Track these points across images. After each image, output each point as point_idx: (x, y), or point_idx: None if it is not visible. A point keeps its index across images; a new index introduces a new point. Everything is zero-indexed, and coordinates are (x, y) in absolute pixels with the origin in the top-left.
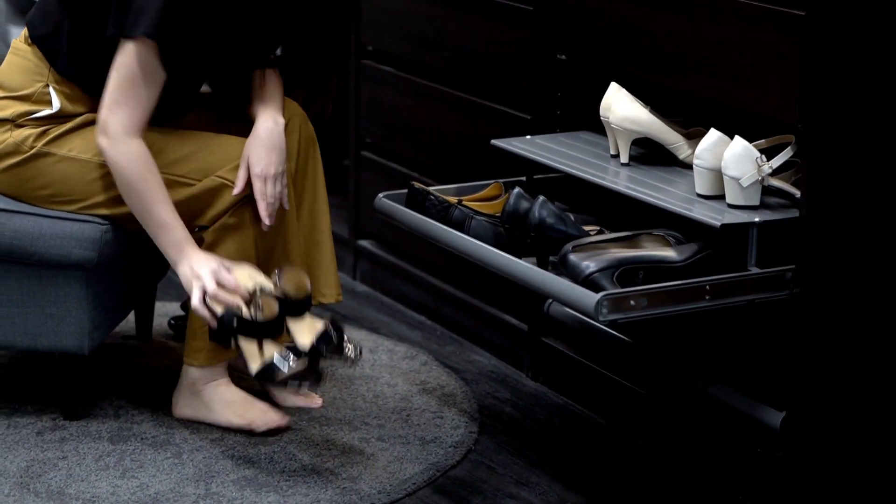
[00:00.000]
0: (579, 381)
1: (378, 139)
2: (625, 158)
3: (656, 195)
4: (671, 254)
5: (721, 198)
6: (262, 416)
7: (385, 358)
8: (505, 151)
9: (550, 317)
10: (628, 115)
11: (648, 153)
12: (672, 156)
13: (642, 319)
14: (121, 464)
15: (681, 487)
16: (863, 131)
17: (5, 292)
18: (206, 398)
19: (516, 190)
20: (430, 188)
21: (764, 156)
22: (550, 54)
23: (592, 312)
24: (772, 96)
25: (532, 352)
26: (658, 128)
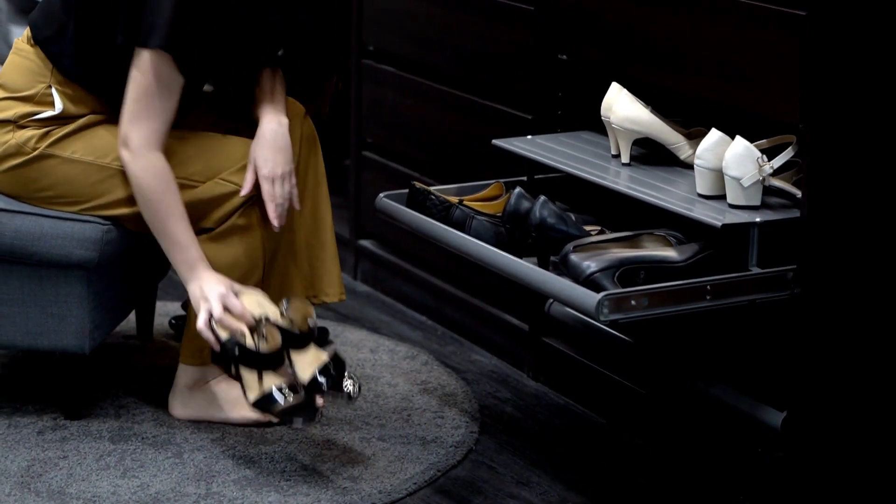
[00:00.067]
0: (580, 381)
1: (379, 139)
2: (626, 158)
3: (657, 195)
4: (672, 254)
5: (722, 198)
6: None
7: (386, 358)
8: (506, 151)
9: (551, 317)
10: (629, 115)
11: (649, 153)
12: (673, 156)
13: (643, 319)
14: (121, 463)
15: (682, 487)
16: (864, 131)
17: (6, 292)
18: (211, 396)
19: (517, 190)
20: (431, 188)
21: (765, 156)
22: (551, 54)
23: (593, 312)
24: (773, 96)
25: (533, 352)
26: (659, 128)
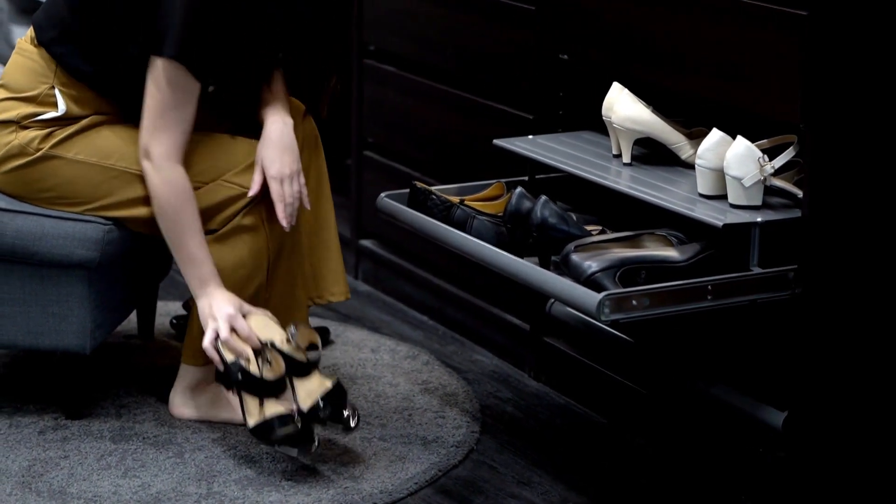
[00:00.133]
0: (581, 381)
1: (380, 139)
2: (627, 158)
3: (658, 195)
4: (673, 254)
5: (723, 198)
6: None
7: (387, 357)
8: (507, 151)
9: (552, 317)
10: (630, 114)
11: (650, 153)
12: (674, 156)
13: (644, 319)
14: (122, 463)
15: (683, 487)
16: (865, 131)
17: (8, 291)
18: (212, 396)
19: (518, 190)
20: (433, 188)
21: (766, 156)
22: (552, 54)
23: (594, 312)
24: (773, 96)
25: (534, 351)
26: (660, 128)
